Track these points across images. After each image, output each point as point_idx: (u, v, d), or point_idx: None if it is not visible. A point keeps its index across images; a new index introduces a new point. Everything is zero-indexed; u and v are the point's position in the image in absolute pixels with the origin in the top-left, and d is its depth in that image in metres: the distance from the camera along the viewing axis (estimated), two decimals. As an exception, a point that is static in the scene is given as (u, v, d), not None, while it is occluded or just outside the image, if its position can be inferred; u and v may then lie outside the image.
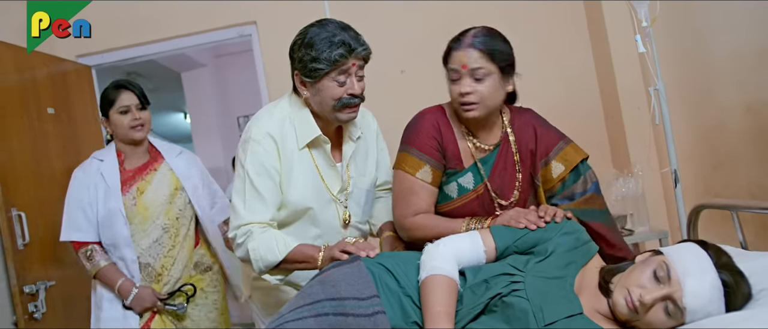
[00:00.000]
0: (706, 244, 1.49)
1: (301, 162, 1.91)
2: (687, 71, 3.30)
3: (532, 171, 1.86)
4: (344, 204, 1.99)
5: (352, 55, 1.83)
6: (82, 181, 2.50)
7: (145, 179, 2.54)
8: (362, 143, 2.06)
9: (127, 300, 2.45)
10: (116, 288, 2.45)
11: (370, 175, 2.06)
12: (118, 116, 2.49)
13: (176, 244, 2.55)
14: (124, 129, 2.50)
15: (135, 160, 2.56)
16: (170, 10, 3.94)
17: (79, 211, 2.48)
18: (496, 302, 1.44)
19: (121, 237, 2.47)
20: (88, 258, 2.47)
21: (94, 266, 2.47)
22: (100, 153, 2.57)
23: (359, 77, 1.88)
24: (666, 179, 3.38)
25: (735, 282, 1.41)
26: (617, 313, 1.47)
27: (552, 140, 1.87)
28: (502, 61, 1.78)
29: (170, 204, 2.55)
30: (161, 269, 2.53)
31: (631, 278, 1.47)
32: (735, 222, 2.10)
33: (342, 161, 2.00)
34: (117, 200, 2.46)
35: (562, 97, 3.78)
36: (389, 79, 3.44)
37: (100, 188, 2.47)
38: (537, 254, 1.55)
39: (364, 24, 3.75)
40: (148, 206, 2.50)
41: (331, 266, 1.60)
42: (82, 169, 2.53)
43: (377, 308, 1.45)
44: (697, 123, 3.29)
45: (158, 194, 2.53)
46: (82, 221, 2.47)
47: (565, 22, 3.80)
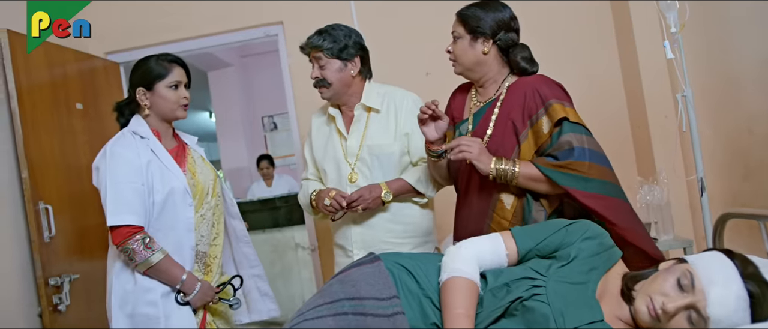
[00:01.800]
0: (732, 253, 1.46)
1: (323, 132, 2.55)
2: (714, 78, 3.25)
3: (515, 128, 2.00)
4: (352, 165, 2.42)
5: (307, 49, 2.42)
6: (129, 158, 2.17)
7: (188, 160, 2.35)
8: (380, 117, 2.43)
9: (191, 295, 2.19)
10: (179, 282, 2.17)
11: (385, 145, 2.40)
12: (167, 91, 2.26)
13: (220, 232, 2.39)
14: (173, 105, 2.28)
15: (168, 142, 2.34)
16: (197, 10, 3.98)
17: (131, 191, 2.14)
18: (517, 306, 1.43)
19: (184, 220, 2.23)
20: (146, 245, 2.12)
21: (154, 256, 2.12)
22: (137, 129, 2.27)
23: (320, 66, 2.38)
24: (692, 187, 3.33)
25: (762, 292, 1.38)
26: (639, 321, 1.45)
27: (545, 98, 1.97)
28: (471, 25, 2.05)
29: (214, 189, 2.38)
30: (210, 259, 2.35)
31: (654, 285, 1.45)
32: (762, 232, 2.07)
33: (349, 132, 2.45)
34: (179, 178, 2.23)
35: (587, 101, 3.71)
36: (415, 82, 3.44)
37: (154, 167, 2.20)
38: (559, 258, 1.54)
39: (390, 27, 3.80)
40: (203, 188, 2.31)
41: (352, 265, 1.61)
42: (125, 145, 2.21)
43: (397, 309, 1.45)
44: (724, 130, 3.24)
45: (206, 177, 2.35)
46: (136, 204, 2.13)
47: (591, 25, 3.77)
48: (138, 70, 2.30)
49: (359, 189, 2.34)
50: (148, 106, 2.28)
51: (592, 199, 1.85)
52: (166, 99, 2.27)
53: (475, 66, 2.08)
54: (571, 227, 1.58)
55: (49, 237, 3.04)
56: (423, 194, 2.39)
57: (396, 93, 2.46)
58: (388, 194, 2.34)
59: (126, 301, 2.19)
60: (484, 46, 2.05)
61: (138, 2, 3.96)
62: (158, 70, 2.26)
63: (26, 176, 2.98)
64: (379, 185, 2.35)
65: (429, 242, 2.48)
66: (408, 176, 2.38)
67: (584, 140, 1.91)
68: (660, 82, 3.43)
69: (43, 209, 3.03)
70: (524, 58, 2.08)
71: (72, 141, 3.37)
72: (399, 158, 2.41)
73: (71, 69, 3.49)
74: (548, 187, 1.91)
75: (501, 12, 2.06)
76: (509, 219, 1.98)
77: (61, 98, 3.35)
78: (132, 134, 2.25)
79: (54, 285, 3.02)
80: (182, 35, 4.04)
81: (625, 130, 3.75)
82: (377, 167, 2.39)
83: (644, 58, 3.45)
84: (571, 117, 1.92)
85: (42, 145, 3.12)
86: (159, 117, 2.31)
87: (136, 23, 3.98)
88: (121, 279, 2.21)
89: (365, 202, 2.32)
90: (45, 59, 3.25)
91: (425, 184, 2.37)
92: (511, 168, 1.91)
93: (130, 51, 4.05)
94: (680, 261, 1.51)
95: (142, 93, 2.28)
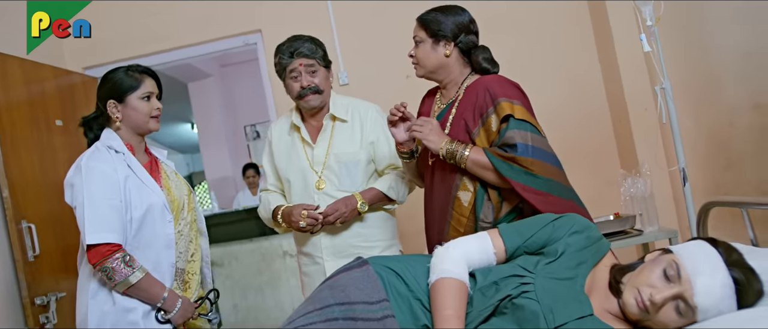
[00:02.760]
0: (716, 241, 1.47)
1: (284, 142, 2.56)
2: (693, 70, 3.29)
3: (467, 127, 2.05)
4: (319, 174, 2.46)
5: (296, 57, 2.41)
6: (106, 174, 2.09)
7: (162, 175, 2.28)
8: (346, 126, 2.48)
9: (172, 313, 2.13)
10: (161, 300, 2.11)
11: (352, 153, 2.45)
12: (140, 102, 2.19)
13: (197, 249, 2.33)
14: (145, 117, 2.21)
15: (141, 156, 2.26)
16: (176, 20, 3.97)
17: (109, 208, 2.06)
18: (506, 304, 1.44)
19: (163, 237, 2.16)
20: (127, 263, 2.04)
21: (134, 275, 2.05)
22: (111, 144, 2.18)
23: (312, 74, 2.41)
24: (674, 178, 3.36)
25: (746, 279, 1.40)
26: (628, 313, 1.46)
27: (495, 96, 2.01)
28: (433, 29, 2.11)
29: (189, 204, 2.32)
30: (189, 276, 2.29)
31: (641, 277, 1.46)
32: (745, 219, 2.09)
33: (316, 140, 2.48)
34: (157, 194, 2.16)
35: (568, 98, 3.78)
36: (394, 85, 3.46)
37: (131, 182, 2.13)
38: (547, 254, 1.54)
39: (368, 32, 3.80)
40: (179, 203, 2.24)
41: (340, 270, 1.61)
42: (101, 160, 2.12)
43: (387, 312, 1.44)
44: (704, 122, 3.28)
45: (180, 192, 2.28)
46: (114, 221, 2.06)
47: (570, 23, 3.81)
48: (107, 82, 2.23)
49: (335, 203, 2.38)
50: (119, 118, 2.21)
51: (532, 194, 1.92)
52: (139, 111, 2.21)
53: (438, 69, 2.15)
54: (558, 222, 1.58)
55: (33, 256, 3.01)
56: (394, 200, 2.47)
57: (359, 104, 2.54)
58: (364, 204, 2.40)
59: (104, 322, 2.11)
60: (446, 49, 2.11)
61: (115, 15, 3.94)
62: (129, 82, 2.20)
63: (7, 195, 2.96)
64: (354, 197, 2.40)
65: (394, 246, 2.54)
66: (380, 185, 2.44)
67: (528, 136, 1.95)
68: (639, 76, 3.47)
69: (26, 228, 3.01)
70: (486, 59, 2.15)
71: (52, 158, 3.34)
72: (365, 166, 2.48)
73: (49, 85, 3.46)
74: (494, 177, 1.97)
75: (461, 15, 2.13)
76: (467, 216, 2.05)
77: (40, 115, 3.32)
78: (106, 148, 2.17)
79: (40, 305, 2.99)
80: (161, 47, 4.02)
81: (607, 125, 3.79)
82: (345, 175, 2.44)
83: (622, 54, 3.49)
84: (517, 114, 1.96)
85: (22, 163, 3.09)
86: (131, 130, 2.24)
87: (113, 37, 3.95)
88: (99, 300, 2.13)
89: (343, 215, 2.37)
90: (22, 76, 3.22)
91: (396, 191, 2.45)
92: (461, 150, 1.99)
93: (108, 65, 4.01)
94: (665, 251, 1.51)
95: (113, 106, 2.20)
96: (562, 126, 3.75)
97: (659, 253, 1.52)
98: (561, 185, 1.96)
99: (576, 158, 3.76)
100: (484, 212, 2.02)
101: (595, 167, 3.77)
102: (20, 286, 2.97)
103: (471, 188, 2.04)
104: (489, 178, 1.99)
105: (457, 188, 2.07)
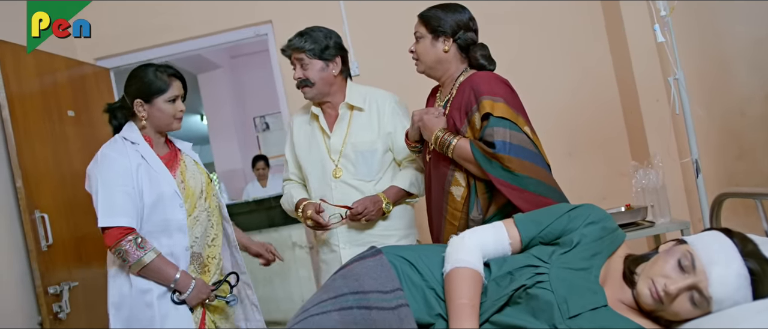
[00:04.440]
0: (730, 232, 1.46)
1: (304, 131, 2.61)
2: (705, 61, 3.26)
3: (455, 124, 2.10)
4: (336, 162, 2.50)
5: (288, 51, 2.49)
6: (120, 162, 2.21)
7: (180, 165, 2.37)
8: (363, 115, 2.53)
9: (186, 294, 2.21)
10: (173, 280, 2.19)
11: (368, 142, 2.49)
12: (166, 104, 2.29)
13: (218, 234, 2.42)
14: (169, 119, 2.32)
15: (159, 149, 2.36)
16: (186, 12, 3.97)
17: (122, 194, 2.17)
18: (521, 294, 1.44)
19: (176, 222, 2.25)
20: (139, 245, 2.14)
21: (147, 255, 2.14)
22: (128, 135, 2.30)
23: (303, 66, 2.45)
24: (686, 169, 3.34)
25: (762, 269, 1.39)
26: (642, 304, 1.45)
27: (478, 94, 2.05)
28: (433, 25, 2.18)
29: (208, 192, 2.41)
30: (208, 260, 2.37)
31: (655, 268, 1.45)
32: (760, 211, 2.07)
33: (333, 129, 2.52)
34: (169, 182, 2.26)
35: (580, 89, 3.76)
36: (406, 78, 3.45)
37: (143, 170, 2.23)
38: (562, 245, 1.54)
39: (380, 24, 3.79)
40: (194, 192, 2.34)
41: (353, 259, 1.61)
42: (115, 150, 2.25)
43: (401, 301, 1.45)
44: (716, 113, 3.26)
45: (197, 181, 2.37)
46: (127, 206, 2.17)
47: (582, 14, 3.78)
48: (136, 81, 2.31)
49: (364, 200, 2.42)
50: (145, 117, 2.31)
51: (509, 189, 1.96)
52: (164, 112, 2.30)
53: (436, 64, 2.21)
54: (574, 212, 1.58)
55: (46, 246, 3.03)
56: (415, 195, 2.51)
57: (377, 93, 2.58)
58: (389, 205, 2.45)
59: (123, 304, 2.23)
60: (445, 45, 2.18)
61: (126, 6, 3.94)
62: (158, 85, 2.28)
63: (21, 185, 2.98)
64: (380, 197, 2.44)
65: (411, 235, 2.58)
66: (400, 182, 2.48)
67: (507, 134, 1.98)
68: (651, 67, 3.45)
69: (39, 218, 3.03)
70: (483, 56, 2.20)
71: (65, 149, 3.35)
72: (382, 156, 2.51)
73: (61, 76, 3.47)
74: (476, 169, 2.02)
75: (460, 13, 2.19)
76: (461, 210, 2.10)
77: (53, 106, 3.34)
78: (123, 139, 2.29)
79: (53, 294, 3.01)
80: (171, 38, 4.02)
81: (619, 116, 3.77)
82: (362, 163, 2.48)
83: (634, 44, 3.47)
84: (496, 112, 1.99)
85: (35, 153, 3.11)
86: (154, 129, 2.34)
87: (124, 28, 3.96)
88: (118, 282, 2.25)
89: (371, 214, 2.41)
90: (35, 67, 3.24)
91: (417, 186, 2.49)
92: (449, 139, 2.06)
93: (119, 56, 4.04)
94: (680, 242, 1.51)
95: (139, 105, 2.30)
96: (574, 118, 3.74)
97: (673, 243, 1.51)
98: (540, 182, 1.98)
99: (587, 149, 3.75)
100: (474, 210, 2.07)
101: (607, 158, 3.76)
102: (33, 275, 2.99)
103: (463, 183, 2.09)
104: (472, 170, 2.04)
105: (449, 183, 2.12)
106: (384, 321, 1.41)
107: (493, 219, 1.99)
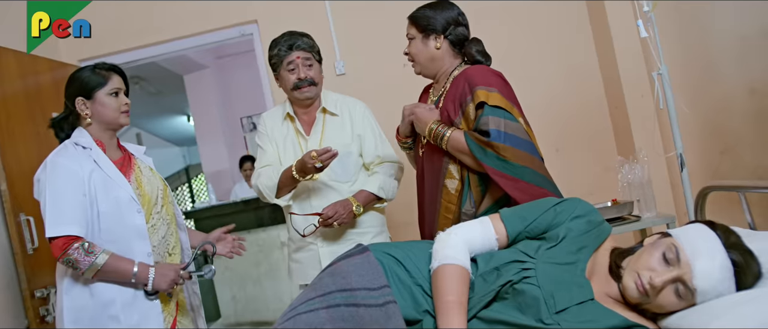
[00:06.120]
0: (714, 224, 1.48)
1: (278, 132, 2.64)
2: (689, 56, 3.29)
3: (449, 117, 2.12)
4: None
5: (294, 50, 2.51)
6: (69, 168, 2.11)
7: (135, 171, 2.29)
8: (336, 120, 2.60)
9: (149, 283, 2.11)
10: (132, 274, 2.09)
11: (344, 144, 2.53)
12: (109, 98, 2.20)
13: (177, 242, 2.35)
14: (115, 113, 2.22)
15: (112, 152, 2.27)
16: (171, 12, 3.95)
17: (72, 202, 2.08)
18: (508, 289, 1.44)
19: (134, 229, 2.16)
20: (87, 251, 2.04)
21: (99, 258, 2.04)
22: (79, 140, 2.20)
23: (307, 66, 2.52)
24: (671, 164, 3.37)
25: (745, 261, 1.41)
26: (628, 297, 1.47)
27: (473, 85, 2.07)
28: (422, 25, 2.21)
29: (165, 199, 2.32)
30: None
31: (641, 261, 1.47)
32: (743, 204, 2.10)
33: (310, 133, 2.59)
34: (125, 188, 2.17)
35: (565, 85, 3.78)
36: (391, 74, 3.46)
37: (96, 177, 2.13)
38: (549, 239, 1.54)
39: (365, 21, 3.79)
40: (150, 198, 2.25)
41: (341, 257, 1.61)
42: (65, 156, 2.15)
43: (388, 298, 1.45)
44: (701, 107, 3.28)
45: (153, 187, 2.28)
46: (77, 214, 2.07)
47: (566, 10, 3.80)
48: (74, 81, 2.24)
49: (334, 205, 2.47)
50: (89, 115, 2.22)
51: (504, 179, 1.97)
52: (108, 106, 2.22)
53: (430, 62, 2.24)
54: (560, 206, 1.59)
55: (32, 249, 3.01)
56: (384, 199, 2.59)
57: (347, 100, 2.68)
58: (359, 207, 2.51)
59: (81, 317, 2.12)
60: (436, 42, 2.20)
61: (109, 7, 3.91)
62: (96, 79, 2.21)
63: (5, 188, 2.95)
64: (349, 201, 2.50)
65: (384, 233, 2.67)
66: (371, 187, 2.55)
67: (502, 123, 1.99)
68: (635, 63, 3.47)
69: (24, 221, 3.00)
70: (479, 51, 2.22)
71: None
72: (356, 158, 2.60)
73: (45, 78, 3.45)
74: (471, 160, 2.04)
75: (449, 10, 2.22)
76: (455, 203, 2.11)
77: (37, 108, 3.31)
78: (73, 145, 2.19)
79: (40, 297, 2.99)
80: (156, 39, 4.01)
81: (604, 112, 3.80)
82: (338, 165, 2.50)
83: (619, 40, 3.49)
84: (491, 101, 2.01)
85: (19, 156, 3.09)
86: (102, 126, 2.25)
87: (108, 29, 3.93)
88: (73, 294, 2.14)
89: (341, 218, 2.46)
90: (18, 70, 3.21)
91: (386, 190, 2.57)
92: (443, 131, 2.08)
93: (103, 57, 4.00)
94: (664, 235, 1.52)
95: (81, 103, 2.21)
96: (559, 113, 3.76)
97: (658, 237, 1.53)
98: (535, 172, 2.00)
99: (573, 144, 3.77)
100: (467, 203, 2.08)
101: (593, 153, 3.78)
102: (20, 279, 2.97)
103: (457, 176, 2.10)
104: (467, 161, 2.05)
105: (444, 176, 2.13)
106: (372, 319, 1.42)
107: (487, 212, 1.99)
